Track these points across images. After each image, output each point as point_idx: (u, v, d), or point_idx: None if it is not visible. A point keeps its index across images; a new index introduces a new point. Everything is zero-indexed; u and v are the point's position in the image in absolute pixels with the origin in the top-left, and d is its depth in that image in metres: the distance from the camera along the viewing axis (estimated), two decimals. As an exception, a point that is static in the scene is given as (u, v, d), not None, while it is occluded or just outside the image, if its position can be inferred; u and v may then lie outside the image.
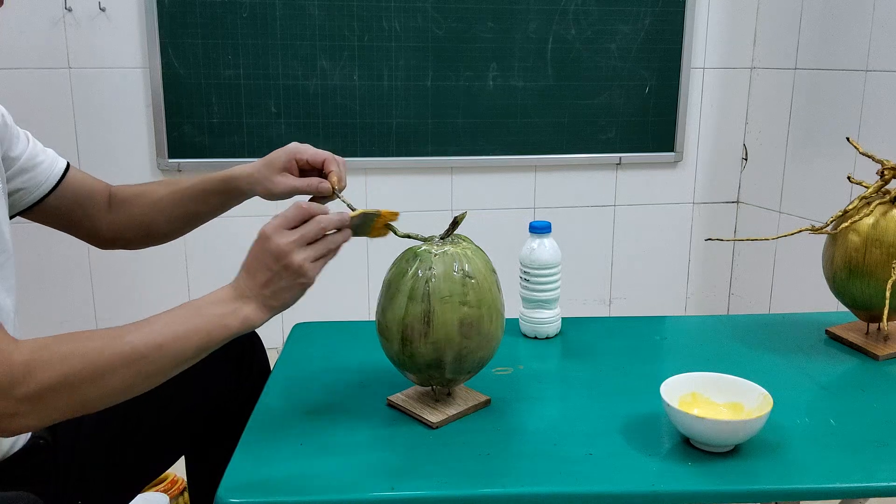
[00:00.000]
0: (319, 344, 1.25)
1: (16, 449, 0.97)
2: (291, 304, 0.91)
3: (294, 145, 1.08)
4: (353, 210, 0.97)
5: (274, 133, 2.45)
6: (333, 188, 1.05)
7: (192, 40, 2.36)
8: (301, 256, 0.89)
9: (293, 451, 0.92)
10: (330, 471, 0.88)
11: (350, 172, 1.09)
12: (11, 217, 1.08)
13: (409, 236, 1.00)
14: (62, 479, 1.02)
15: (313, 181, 1.06)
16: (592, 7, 2.52)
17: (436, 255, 0.95)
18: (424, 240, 0.99)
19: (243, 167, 1.12)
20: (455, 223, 0.98)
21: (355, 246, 2.59)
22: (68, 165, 1.15)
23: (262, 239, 0.90)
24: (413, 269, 0.94)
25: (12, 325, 0.95)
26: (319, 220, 0.91)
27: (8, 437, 0.81)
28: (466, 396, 1.03)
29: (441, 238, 0.98)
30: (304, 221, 0.90)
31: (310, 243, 0.90)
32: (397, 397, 1.03)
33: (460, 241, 0.99)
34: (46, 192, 1.11)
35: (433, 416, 0.97)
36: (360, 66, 2.45)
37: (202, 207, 1.19)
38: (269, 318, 0.90)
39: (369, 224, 0.98)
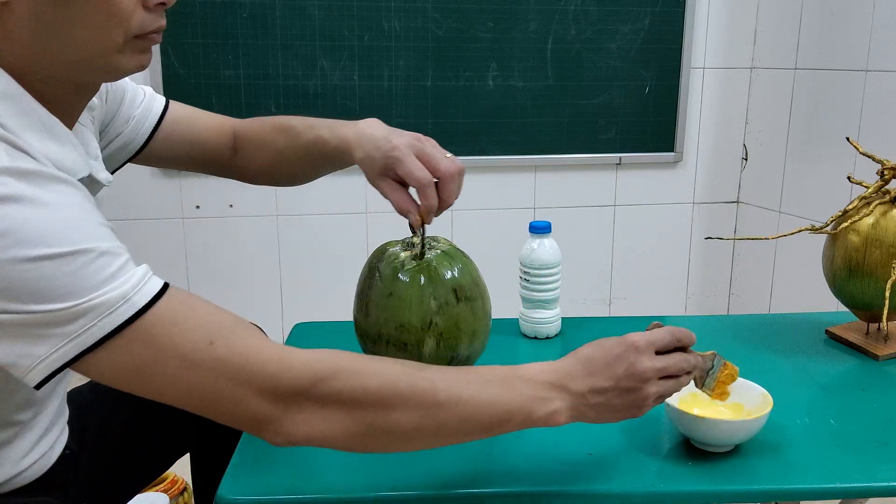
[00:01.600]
0: (319, 344, 1.24)
1: (51, 463, 0.95)
2: (597, 423, 0.81)
3: (396, 151, 0.93)
4: (416, 248, 0.92)
5: (274, 133, 2.45)
6: (414, 228, 0.93)
7: (192, 40, 2.36)
8: (654, 389, 0.80)
9: (293, 451, 0.92)
10: (330, 471, 0.88)
11: (350, 172, 1.06)
12: (120, 166, 1.07)
13: None
14: (75, 484, 1.02)
15: (403, 205, 0.93)
16: (592, 7, 2.52)
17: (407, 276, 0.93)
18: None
19: (352, 148, 0.99)
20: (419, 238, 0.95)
21: (355, 246, 2.59)
22: (167, 105, 1.09)
23: (630, 349, 0.79)
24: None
25: None
26: (688, 358, 0.83)
27: (277, 444, 0.74)
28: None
29: (413, 256, 0.96)
30: (673, 349, 0.82)
31: (664, 376, 0.81)
32: None
33: (437, 246, 0.98)
34: (146, 138, 1.05)
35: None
36: (360, 66, 2.45)
37: (320, 169, 1.10)
38: (567, 423, 0.80)
39: (714, 375, 0.88)
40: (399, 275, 0.94)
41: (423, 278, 0.93)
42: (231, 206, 2.51)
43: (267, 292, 2.58)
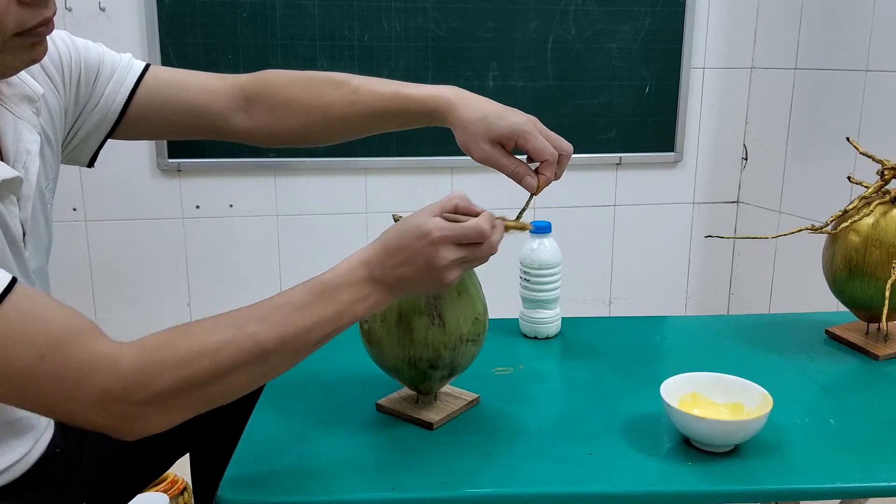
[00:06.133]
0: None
1: (34, 459, 0.95)
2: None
3: (525, 125, 0.98)
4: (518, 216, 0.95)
5: (274, 133, 2.45)
6: (532, 192, 0.99)
7: (192, 40, 2.36)
8: (454, 275, 0.84)
9: (293, 451, 0.92)
10: (330, 471, 0.88)
11: (350, 172, 1.07)
12: (101, 144, 1.04)
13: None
14: (71, 483, 1.02)
15: (520, 171, 0.99)
16: (592, 7, 2.52)
17: None
18: None
19: (454, 105, 1.01)
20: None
21: (355, 246, 2.59)
22: (145, 71, 1.04)
23: (426, 240, 0.82)
24: None
25: None
26: (492, 245, 0.85)
27: (134, 439, 0.76)
28: (460, 396, 1.03)
29: None
30: (476, 244, 0.84)
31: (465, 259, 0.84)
32: (389, 399, 1.03)
33: None
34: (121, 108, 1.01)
35: (433, 416, 0.97)
36: (360, 66, 2.44)
37: (386, 126, 1.07)
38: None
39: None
40: None
41: None
42: (231, 206, 2.51)
43: (267, 292, 2.57)
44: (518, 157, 1.02)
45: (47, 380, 0.70)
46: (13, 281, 0.70)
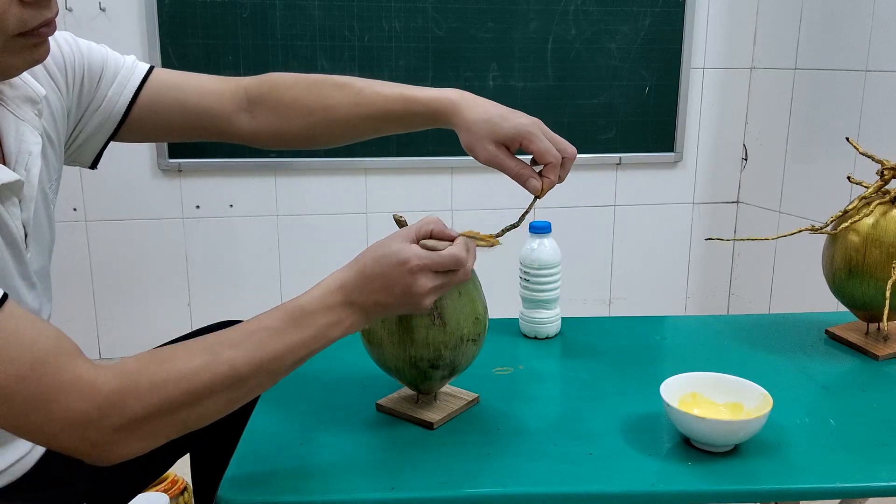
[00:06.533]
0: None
1: (35, 459, 0.95)
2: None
3: (530, 127, 0.98)
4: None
5: (274, 133, 2.45)
6: (537, 195, 0.99)
7: (192, 40, 2.36)
8: (430, 301, 0.85)
9: (293, 451, 0.92)
10: (330, 471, 0.88)
11: (350, 172, 1.07)
12: (104, 147, 1.04)
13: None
14: (71, 483, 1.02)
15: (524, 173, 0.99)
16: (592, 7, 2.52)
17: None
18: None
19: (459, 106, 1.01)
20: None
21: (355, 246, 2.59)
22: (149, 73, 1.04)
23: (405, 268, 0.82)
24: None
25: None
26: (467, 271, 0.87)
27: (109, 464, 0.75)
28: (460, 396, 1.03)
29: None
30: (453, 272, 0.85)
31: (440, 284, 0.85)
32: (389, 399, 1.03)
33: None
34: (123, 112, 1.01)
35: (433, 416, 0.98)
36: (360, 66, 2.45)
37: (389, 128, 1.08)
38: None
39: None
40: None
41: None
42: (231, 206, 2.51)
43: (267, 292, 2.58)
44: (521, 158, 1.02)
45: (25, 400, 0.70)
46: (4, 297, 0.70)
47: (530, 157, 1.02)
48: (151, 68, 1.05)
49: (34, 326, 0.72)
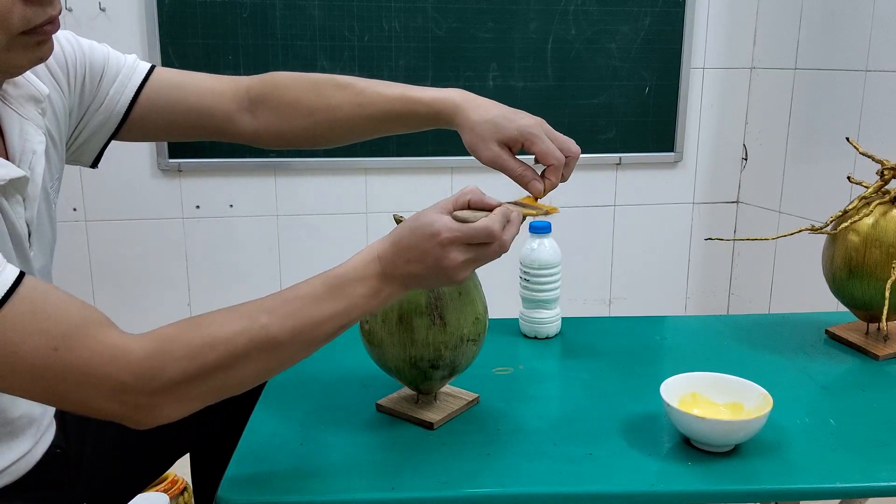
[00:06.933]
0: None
1: (35, 460, 0.95)
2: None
3: (533, 128, 0.98)
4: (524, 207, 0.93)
5: (274, 133, 2.45)
6: (537, 196, 0.98)
7: (192, 40, 2.36)
8: (465, 274, 0.83)
9: (293, 451, 0.92)
10: (330, 471, 0.88)
11: (350, 172, 1.07)
12: (105, 146, 1.04)
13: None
14: (72, 483, 1.02)
15: (527, 175, 0.98)
16: (592, 7, 2.52)
17: None
18: None
19: (461, 107, 1.01)
20: None
21: (355, 246, 2.59)
22: (150, 72, 1.04)
23: (435, 241, 0.81)
24: None
25: None
26: (504, 244, 0.84)
27: (148, 428, 0.77)
28: (460, 396, 1.03)
29: None
30: (486, 244, 0.83)
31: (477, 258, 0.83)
32: (389, 399, 1.03)
33: None
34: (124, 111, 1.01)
35: (433, 416, 0.97)
36: (360, 66, 2.44)
37: (391, 129, 1.07)
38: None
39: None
40: None
41: None
42: (231, 206, 2.51)
43: (267, 292, 2.57)
44: (523, 158, 1.02)
45: (61, 371, 0.71)
46: (21, 274, 0.71)
47: (532, 157, 1.01)
48: (153, 67, 1.05)
49: (61, 299, 0.73)
